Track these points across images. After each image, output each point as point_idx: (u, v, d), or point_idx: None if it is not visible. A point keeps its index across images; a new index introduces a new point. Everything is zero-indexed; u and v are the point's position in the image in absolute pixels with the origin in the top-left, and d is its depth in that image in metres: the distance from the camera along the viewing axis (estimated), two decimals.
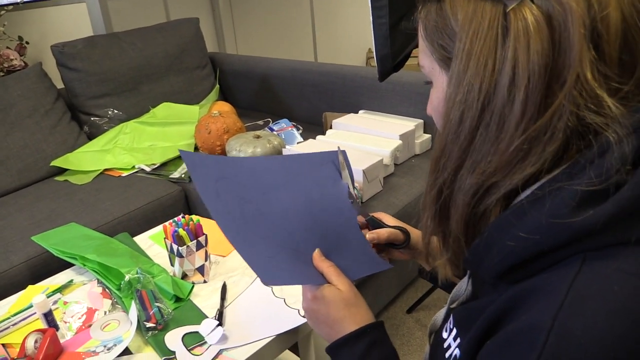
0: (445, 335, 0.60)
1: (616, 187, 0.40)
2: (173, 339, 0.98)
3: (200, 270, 1.15)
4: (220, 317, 1.03)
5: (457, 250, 0.53)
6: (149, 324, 0.99)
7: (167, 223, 1.14)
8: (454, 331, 0.57)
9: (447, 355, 0.57)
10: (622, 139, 0.40)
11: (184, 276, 1.16)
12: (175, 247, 1.11)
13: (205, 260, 1.15)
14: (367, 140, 1.73)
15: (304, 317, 1.01)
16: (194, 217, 1.15)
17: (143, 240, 1.37)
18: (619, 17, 0.41)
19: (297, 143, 2.00)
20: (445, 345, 0.58)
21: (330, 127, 1.96)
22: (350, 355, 0.65)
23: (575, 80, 0.40)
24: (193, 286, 1.13)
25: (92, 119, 2.15)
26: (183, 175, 1.85)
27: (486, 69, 0.43)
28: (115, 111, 2.18)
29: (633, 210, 0.40)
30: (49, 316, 1.01)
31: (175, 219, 1.14)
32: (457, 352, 0.55)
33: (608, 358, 0.37)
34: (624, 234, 0.40)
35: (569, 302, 0.40)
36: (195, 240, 1.12)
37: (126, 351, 0.96)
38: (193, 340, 0.97)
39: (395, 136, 1.73)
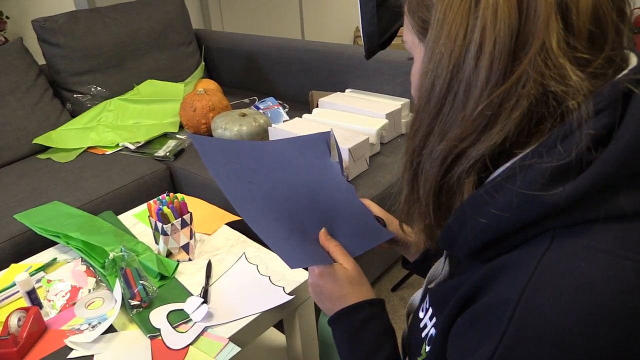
0: (421, 315, 0.61)
1: (585, 165, 0.41)
2: (158, 316, 0.99)
3: (185, 248, 1.15)
4: (205, 295, 1.03)
5: (428, 221, 0.53)
6: (133, 302, 0.99)
7: (151, 201, 1.13)
8: (430, 311, 0.58)
9: (423, 334, 0.58)
10: (590, 116, 0.41)
11: (169, 254, 1.16)
12: (159, 225, 1.11)
13: (190, 238, 1.15)
14: (353, 119, 1.72)
15: (289, 294, 1.02)
16: (179, 195, 1.15)
17: (127, 218, 1.36)
18: None
19: (283, 121, 1.98)
20: (422, 325, 0.59)
21: (317, 106, 1.95)
22: (347, 327, 0.68)
23: (540, 47, 0.41)
24: (178, 264, 1.13)
25: (75, 96, 2.12)
26: (168, 154, 1.84)
27: (457, 38, 0.44)
28: (99, 88, 2.15)
29: (600, 187, 0.40)
30: (32, 294, 1.01)
31: (160, 197, 1.13)
32: (433, 331, 0.56)
33: (572, 333, 0.38)
34: (592, 211, 0.41)
35: (536, 277, 0.40)
36: (180, 218, 1.12)
37: (111, 329, 0.97)
38: (178, 318, 0.98)
39: (382, 115, 1.72)
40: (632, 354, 0.37)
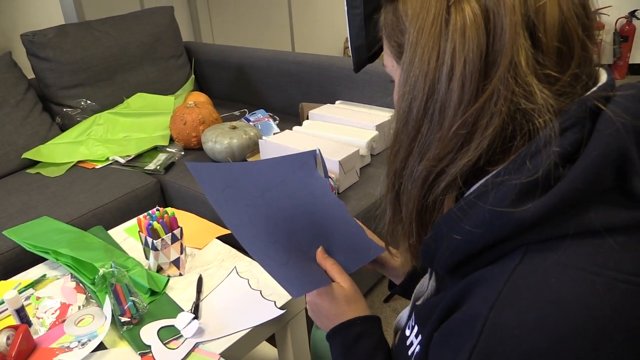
0: (408, 332, 0.61)
1: (554, 182, 0.41)
2: (148, 333, 0.98)
3: (176, 263, 1.14)
4: (196, 310, 1.02)
5: (412, 240, 0.54)
6: (123, 319, 0.98)
7: (141, 216, 1.13)
8: (416, 328, 0.58)
9: (409, 352, 0.58)
10: (556, 134, 0.42)
11: (159, 269, 1.15)
12: (149, 240, 1.10)
13: (181, 253, 1.15)
14: (343, 130, 1.73)
15: (280, 308, 1.02)
16: (169, 210, 1.14)
17: (118, 233, 1.36)
18: (556, 9, 0.42)
19: (274, 134, 1.99)
20: (408, 342, 0.60)
21: (307, 118, 1.95)
22: (342, 342, 0.70)
23: (509, 64, 0.42)
24: (168, 279, 1.12)
25: (64, 109, 2.11)
26: (158, 167, 1.83)
27: (430, 60, 0.45)
28: (89, 102, 2.14)
29: (569, 203, 0.41)
30: (21, 312, 1.00)
31: (150, 211, 1.13)
32: (418, 348, 0.56)
33: (541, 349, 0.38)
34: (562, 227, 0.41)
35: (505, 292, 0.41)
36: (170, 233, 1.11)
37: (101, 346, 0.96)
38: (169, 334, 0.97)
39: (372, 127, 1.73)
40: None
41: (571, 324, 0.38)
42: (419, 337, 0.56)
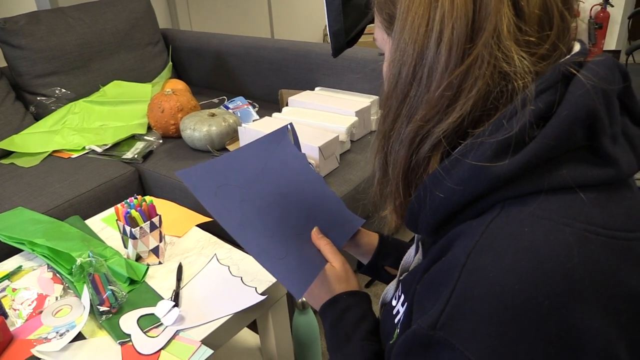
0: (394, 303, 0.63)
1: (529, 140, 0.44)
2: (128, 322, 0.97)
3: (155, 251, 1.13)
4: (176, 298, 1.02)
5: (398, 201, 0.56)
6: (102, 308, 0.97)
7: (119, 205, 1.11)
8: (402, 297, 0.60)
9: (396, 320, 0.60)
10: (532, 95, 0.44)
11: (138, 258, 1.14)
12: (128, 228, 1.09)
13: (160, 241, 1.14)
14: (323, 117, 1.72)
15: (261, 294, 1.02)
16: (147, 198, 1.13)
17: (95, 223, 1.34)
18: None
19: (253, 121, 1.97)
20: (394, 312, 0.61)
21: (287, 105, 1.94)
22: (330, 316, 0.73)
23: (492, 31, 0.45)
24: (148, 268, 1.11)
25: (38, 98, 2.06)
26: (136, 156, 1.81)
27: (420, 28, 0.48)
28: (63, 90, 2.10)
29: (543, 159, 0.44)
30: None
31: (128, 200, 1.12)
32: (404, 315, 0.57)
33: (514, 291, 0.40)
34: (537, 182, 0.44)
35: (482, 241, 0.43)
36: (149, 222, 1.10)
37: (80, 336, 0.95)
38: (149, 323, 0.96)
39: (351, 113, 1.73)
40: (568, 311, 0.39)
41: (542, 268, 0.40)
42: (405, 305, 0.57)
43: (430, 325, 0.43)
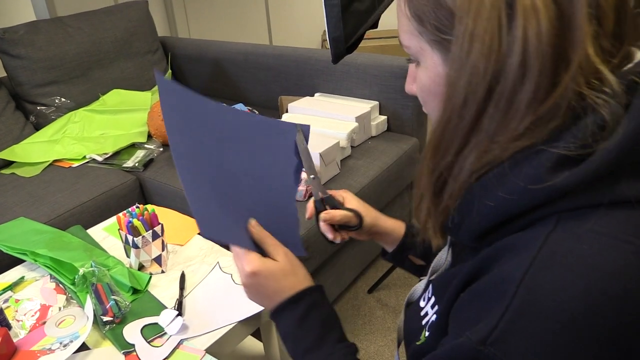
0: (422, 304, 0.62)
1: (591, 153, 0.42)
2: (132, 331, 0.97)
3: (158, 260, 1.13)
4: (179, 307, 1.01)
5: (444, 219, 0.53)
6: (106, 318, 0.97)
7: (121, 214, 1.11)
8: (432, 299, 0.59)
9: (423, 322, 0.59)
10: (596, 107, 0.42)
11: (141, 267, 1.14)
12: (130, 238, 1.09)
13: (162, 250, 1.13)
14: (323, 123, 1.73)
15: None
16: (149, 207, 1.13)
17: (97, 232, 1.34)
18: None
19: None
20: (422, 313, 0.60)
21: (286, 111, 1.95)
22: (291, 317, 0.66)
23: (582, 57, 0.41)
24: (150, 277, 1.11)
25: (38, 108, 2.06)
26: (137, 164, 1.81)
27: (491, 50, 0.43)
28: (63, 99, 2.10)
29: (604, 173, 0.42)
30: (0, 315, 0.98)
31: (130, 209, 1.12)
32: (434, 317, 0.56)
33: (572, 311, 0.39)
34: (596, 197, 0.42)
35: (540, 257, 0.42)
36: (151, 230, 1.10)
37: (83, 347, 0.94)
38: (152, 332, 0.96)
39: (352, 118, 1.73)
40: (630, 331, 0.39)
41: (602, 288, 0.39)
42: (436, 307, 0.57)
43: (481, 340, 0.42)
